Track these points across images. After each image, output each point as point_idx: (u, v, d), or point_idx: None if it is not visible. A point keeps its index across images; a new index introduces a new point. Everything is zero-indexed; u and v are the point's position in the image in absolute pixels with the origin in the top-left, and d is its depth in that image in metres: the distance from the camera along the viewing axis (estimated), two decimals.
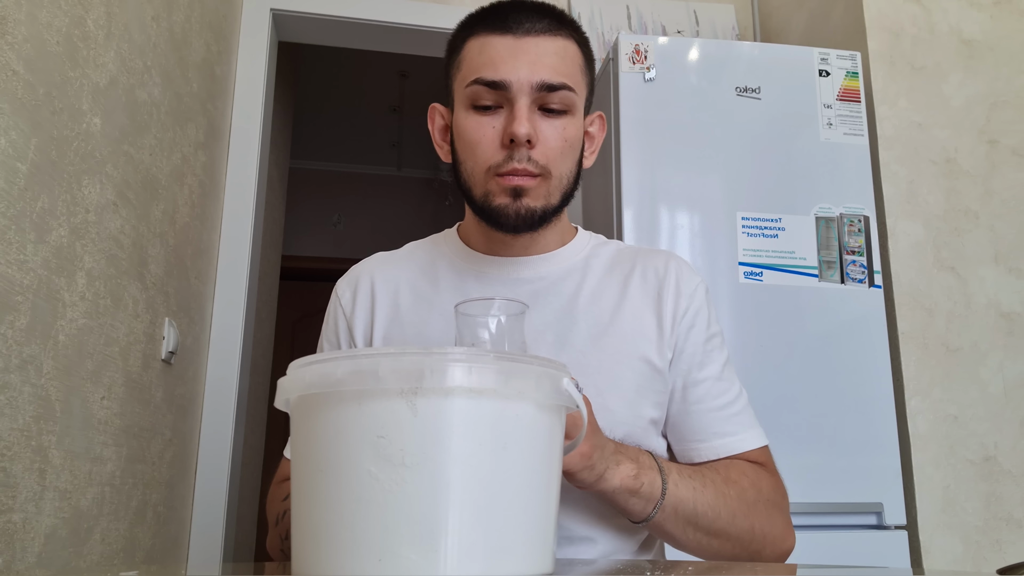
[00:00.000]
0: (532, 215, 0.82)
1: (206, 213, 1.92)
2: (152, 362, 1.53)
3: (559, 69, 0.81)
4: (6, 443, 0.99)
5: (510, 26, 0.81)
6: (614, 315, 0.86)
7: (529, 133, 0.79)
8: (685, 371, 0.86)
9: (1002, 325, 1.87)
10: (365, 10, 2.30)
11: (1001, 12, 2.06)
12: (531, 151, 0.80)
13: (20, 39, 0.99)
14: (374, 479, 0.44)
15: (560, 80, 0.80)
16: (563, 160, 0.82)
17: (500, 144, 0.80)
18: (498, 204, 0.81)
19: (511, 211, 0.81)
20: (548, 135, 0.81)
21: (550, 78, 0.80)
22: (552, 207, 0.83)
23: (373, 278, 0.92)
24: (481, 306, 0.70)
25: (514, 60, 0.80)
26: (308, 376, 0.47)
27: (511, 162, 0.80)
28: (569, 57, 0.83)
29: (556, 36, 0.82)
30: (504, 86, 0.80)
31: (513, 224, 0.82)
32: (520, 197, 0.81)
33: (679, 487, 0.76)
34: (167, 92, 1.56)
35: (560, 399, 0.49)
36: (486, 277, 0.89)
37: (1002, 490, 1.78)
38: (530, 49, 0.80)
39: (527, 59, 0.80)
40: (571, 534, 0.81)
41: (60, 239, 1.12)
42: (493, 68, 0.80)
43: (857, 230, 1.82)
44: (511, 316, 0.70)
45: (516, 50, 0.80)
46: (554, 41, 0.82)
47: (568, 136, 0.82)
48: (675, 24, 2.47)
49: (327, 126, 4.65)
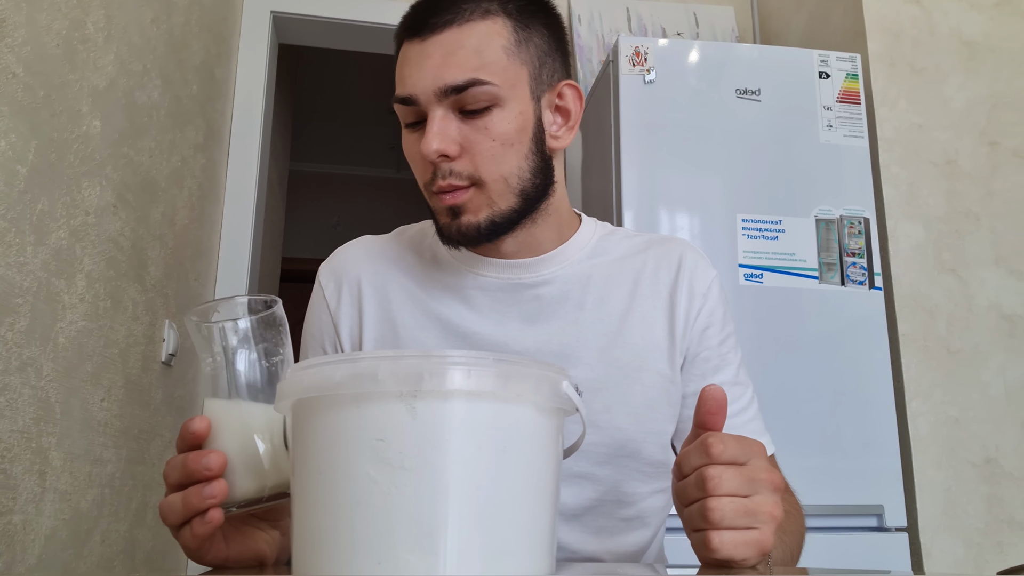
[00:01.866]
0: (475, 230, 0.75)
1: (206, 215, 1.92)
2: (152, 364, 1.53)
3: (466, 64, 0.72)
4: (6, 445, 0.99)
5: (417, 27, 0.74)
6: (623, 323, 0.81)
7: (440, 148, 0.72)
8: (699, 376, 0.82)
9: (1003, 327, 1.87)
10: (365, 13, 2.30)
11: (1001, 13, 2.06)
12: (454, 164, 0.73)
13: (20, 42, 0.99)
14: (373, 482, 0.44)
15: (467, 77, 0.71)
16: (497, 162, 0.74)
17: (426, 161, 0.74)
18: (442, 223, 0.77)
19: (452, 229, 0.76)
20: (471, 140, 0.73)
21: (454, 79, 0.71)
22: (505, 213, 0.76)
23: (360, 274, 0.85)
24: (224, 308, 0.58)
25: (419, 69, 0.73)
26: (307, 379, 0.47)
27: (436, 180, 0.74)
28: (482, 43, 0.72)
29: (466, 23, 0.73)
30: (413, 101, 0.73)
31: (457, 241, 0.77)
32: (458, 215, 0.75)
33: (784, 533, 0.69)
34: (166, 94, 1.56)
35: (559, 402, 0.49)
36: (484, 280, 0.82)
37: (1003, 492, 1.78)
38: (434, 51, 0.72)
39: (431, 63, 0.72)
40: (574, 556, 0.78)
41: (60, 241, 1.12)
42: (402, 83, 0.74)
43: (857, 232, 1.82)
44: (259, 318, 0.58)
45: (421, 55, 0.73)
46: (461, 31, 0.72)
47: (497, 134, 0.73)
48: (675, 26, 2.47)
49: (326, 128, 4.66)
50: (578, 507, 0.78)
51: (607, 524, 0.79)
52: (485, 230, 0.75)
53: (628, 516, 0.80)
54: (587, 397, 0.78)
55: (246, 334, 0.57)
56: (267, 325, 0.58)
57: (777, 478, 0.56)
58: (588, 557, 0.78)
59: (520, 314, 0.81)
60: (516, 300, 0.81)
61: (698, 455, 0.56)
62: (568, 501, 0.77)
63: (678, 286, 0.83)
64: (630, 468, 0.79)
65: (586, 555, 0.78)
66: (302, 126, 4.48)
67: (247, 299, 0.59)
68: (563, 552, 0.77)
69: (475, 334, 0.80)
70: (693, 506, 0.55)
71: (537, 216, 0.80)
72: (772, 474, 0.56)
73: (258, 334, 0.58)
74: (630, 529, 0.81)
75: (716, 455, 0.54)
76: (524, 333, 0.80)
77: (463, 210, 0.75)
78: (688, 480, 0.56)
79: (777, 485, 0.56)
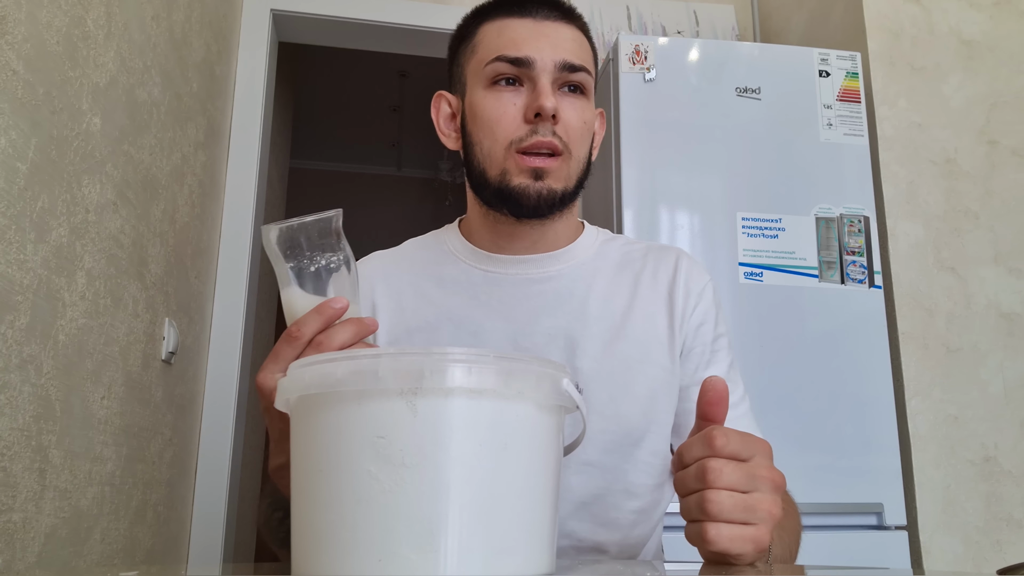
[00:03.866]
0: (553, 196, 0.80)
1: (206, 213, 1.92)
2: (152, 362, 1.53)
3: (577, 52, 0.83)
4: (6, 443, 0.99)
5: (528, 10, 0.83)
6: (626, 318, 0.84)
7: (554, 107, 0.78)
8: (692, 370, 0.85)
9: (1002, 325, 1.87)
10: (365, 10, 2.30)
11: (1001, 12, 2.06)
12: (555, 127, 0.80)
13: (20, 39, 0.99)
14: (374, 479, 0.44)
15: (580, 62, 0.82)
16: (582, 141, 0.83)
17: (523, 119, 0.80)
18: (517, 184, 0.79)
19: (532, 192, 0.79)
20: (569, 114, 0.81)
21: (571, 58, 0.81)
22: (570, 191, 0.82)
23: (373, 284, 0.88)
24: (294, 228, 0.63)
25: (536, 40, 0.81)
26: (308, 376, 0.47)
27: (535, 136, 0.79)
28: (583, 45, 0.85)
29: (570, 24, 0.85)
30: (528, 63, 0.80)
31: (534, 205, 0.80)
32: (541, 178, 0.79)
33: (782, 531, 0.69)
34: (167, 92, 1.56)
35: (560, 399, 0.49)
36: (494, 276, 0.86)
37: (1002, 490, 1.78)
38: (550, 32, 0.82)
39: (548, 41, 0.81)
40: (580, 544, 0.80)
41: (60, 239, 1.12)
42: (515, 47, 0.81)
43: (857, 230, 1.82)
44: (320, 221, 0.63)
45: (536, 32, 0.82)
46: (570, 28, 0.84)
47: (586, 118, 0.83)
48: (675, 24, 2.47)
49: (327, 126, 4.65)
50: (587, 495, 0.80)
51: (617, 516, 0.81)
52: (559, 200, 0.81)
53: (636, 509, 0.82)
54: (593, 387, 0.81)
55: (308, 236, 0.63)
56: (323, 231, 0.64)
57: (778, 477, 0.56)
58: (594, 547, 0.80)
59: (528, 309, 0.84)
60: (525, 295, 0.85)
61: (701, 446, 0.56)
62: (576, 489, 0.79)
63: (676, 285, 0.87)
64: (635, 457, 0.81)
65: (592, 544, 0.80)
66: (303, 124, 4.48)
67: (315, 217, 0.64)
68: (570, 540, 0.79)
69: (485, 330, 0.83)
70: (691, 496, 0.55)
71: (565, 211, 0.85)
72: (774, 473, 0.56)
73: (315, 239, 0.64)
74: (637, 523, 0.83)
75: (719, 448, 0.55)
76: (532, 327, 0.83)
77: (547, 175, 0.80)
78: (688, 470, 0.56)
79: (778, 484, 0.56)
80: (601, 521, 0.80)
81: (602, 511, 0.80)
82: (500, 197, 0.81)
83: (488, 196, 0.83)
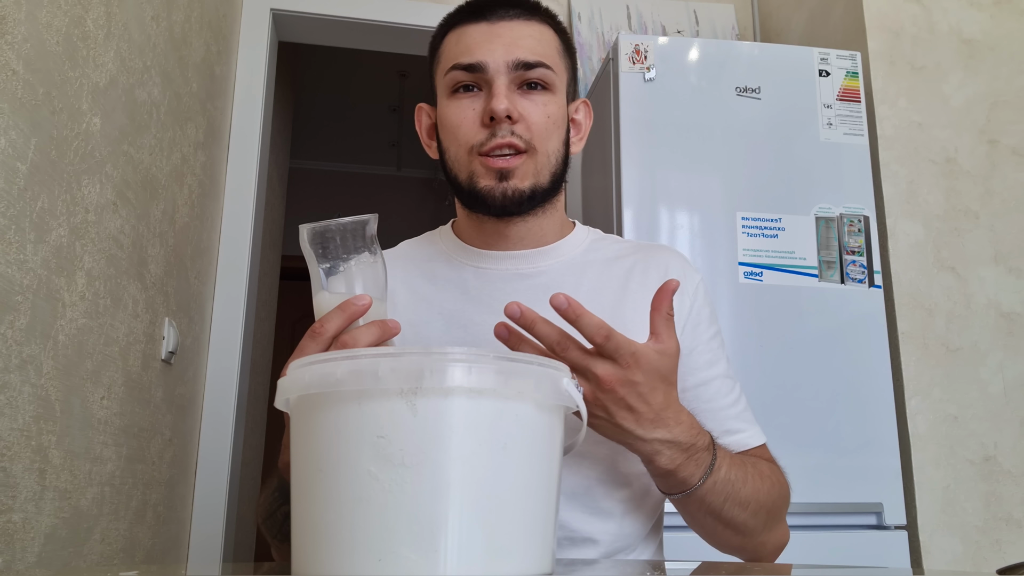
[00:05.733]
0: (520, 195, 0.81)
1: (206, 213, 1.92)
2: (152, 362, 1.53)
3: (535, 49, 0.83)
4: (6, 443, 0.99)
5: (484, 14, 0.84)
6: (615, 311, 0.85)
7: (508, 108, 0.79)
8: (695, 370, 0.85)
9: (1002, 325, 1.87)
10: (365, 10, 2.30)
11: (1001, 12, 2.06)
12: (514, 127, 0.80)
13: (20, 39, 0.99)
14: (374, 479, 0.44)
15: (536, 58, 0.82)
16: (548, 137, 0.83)
17: (481, 123, 0.81)
18: (483, 186, 0.81)
19: (497, 192, 0.81)
20: (530, 111, 0.82)
21: (526, 56, 0.82)
22: (542, 187, 0.83)
23: None
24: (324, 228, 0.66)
25: (489, 43, 0.82)
26: (308, 376, 0.47)
27: (494, 139, 0.80)
28: (545, 40, 0.85)
29: (530, 21, 0.85)
30: (481, 67, 0.81)
31: (500, 204, 0.82)
32: (506, 179, 0.81)
33: (728, 464, 0.74)
34: (167, 92, 1.56)
35: (560, 399, 0.49)
36: (484, 272, 0.88)
37: (1002, 490, 1.78)
38: (504, 32, 0.83)
39: (501, 41, 0.82)
40: (573, 535, 0.80)
41: (60, 239, 1.12)
42: (469, 53, 0.82)
43: (857, 230, 1.82)
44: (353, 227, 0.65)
45: (490, 34, 0.83)
46: (528, 25, 0.84)
47: (550, 113, 0.83)
48: (675, 24, 2.47)
49: (327, 126, 4.65)
50: (578, 486, 0.80)
51: (607, 505, 0.81)
52: (527, 198, 0.82)
53: (626, 497, 0.82)
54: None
55: (342, 236, 0.66)
56: (356, 233, 0.66)
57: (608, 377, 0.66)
58: (587, 538, 0.80)
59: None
60: (515, 290, 0.86)
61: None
62: (567, 480, 0.79)
63: None
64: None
65: (585, 536, 0.80)
66: (302, 123, 4.48)
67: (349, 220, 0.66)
68: (563, 531, 0.79)
69: (476, 324, 0.84)
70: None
71: (548, 207, 0.87)
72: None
73: (348, 241, 0.66)
74: (628, 512, 0.83)
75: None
76: None
77: (512, 175, 0.81)
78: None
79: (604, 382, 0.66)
80: (592, 511, 0.81)
81: (592, 501, 0.80)
82: (471, 199, 0.84)
83: (464, 199, 0.86)
